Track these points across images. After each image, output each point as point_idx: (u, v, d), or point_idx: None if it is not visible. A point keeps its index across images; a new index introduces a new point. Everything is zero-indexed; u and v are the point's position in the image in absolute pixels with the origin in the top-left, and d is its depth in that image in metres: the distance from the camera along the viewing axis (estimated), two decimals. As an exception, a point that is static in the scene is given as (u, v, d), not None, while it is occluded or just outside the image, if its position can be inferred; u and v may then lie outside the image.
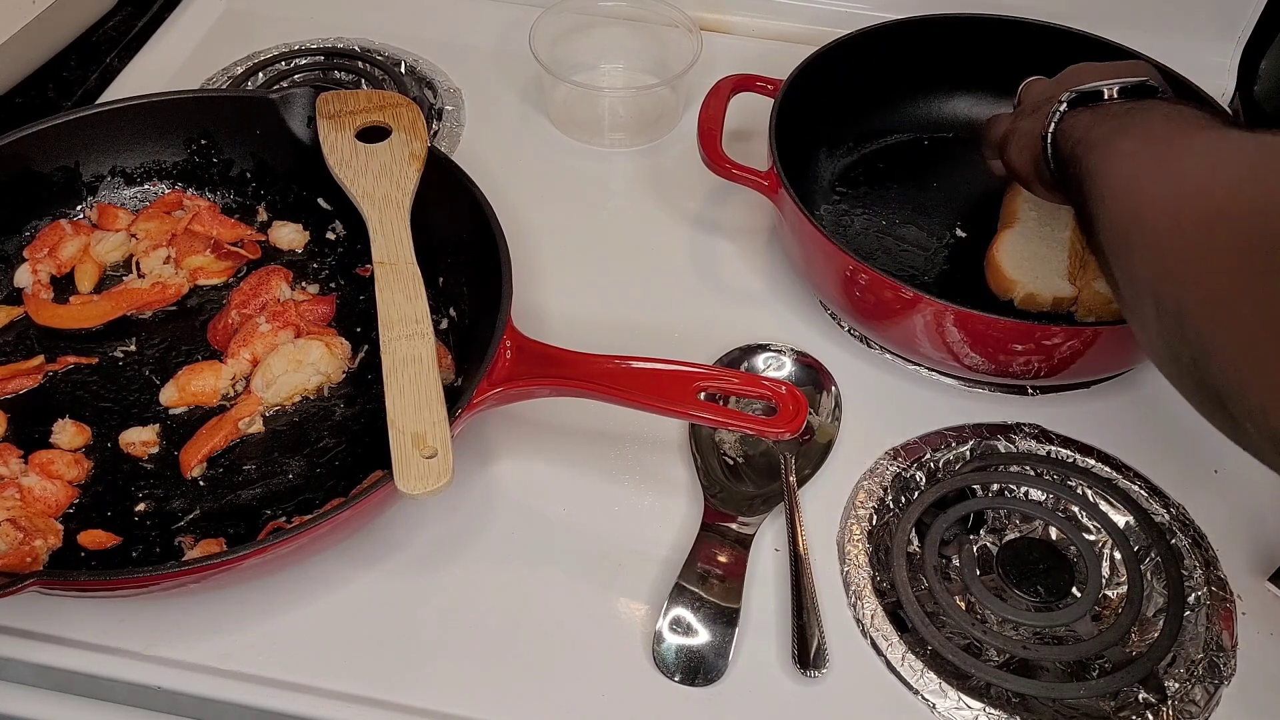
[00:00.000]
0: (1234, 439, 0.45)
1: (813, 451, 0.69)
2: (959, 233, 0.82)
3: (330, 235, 0.79)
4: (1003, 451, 0.69)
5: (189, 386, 0.69)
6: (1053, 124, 0.63)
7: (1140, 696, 0.58)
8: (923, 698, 0.58)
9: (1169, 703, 0.58)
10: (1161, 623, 0.61)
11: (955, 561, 0.64)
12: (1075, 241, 0.75)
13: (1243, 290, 0.41)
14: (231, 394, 0.69)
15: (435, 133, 0.91)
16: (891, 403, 0.72)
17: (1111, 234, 0.53)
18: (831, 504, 0.66)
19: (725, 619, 0.60)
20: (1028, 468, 0.68)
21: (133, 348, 0.72)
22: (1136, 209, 0.51)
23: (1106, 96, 0.62)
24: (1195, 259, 0.45)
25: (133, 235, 0.77)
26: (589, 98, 0.92)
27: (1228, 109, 0.84)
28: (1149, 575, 0.63)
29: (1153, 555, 0.64)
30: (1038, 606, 0.62)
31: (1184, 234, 0.46)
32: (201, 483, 0.65)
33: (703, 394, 0.61)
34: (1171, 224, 0.47)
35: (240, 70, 0.95)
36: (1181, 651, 0.60)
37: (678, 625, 0.60)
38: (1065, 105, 0.63)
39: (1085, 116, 0.61)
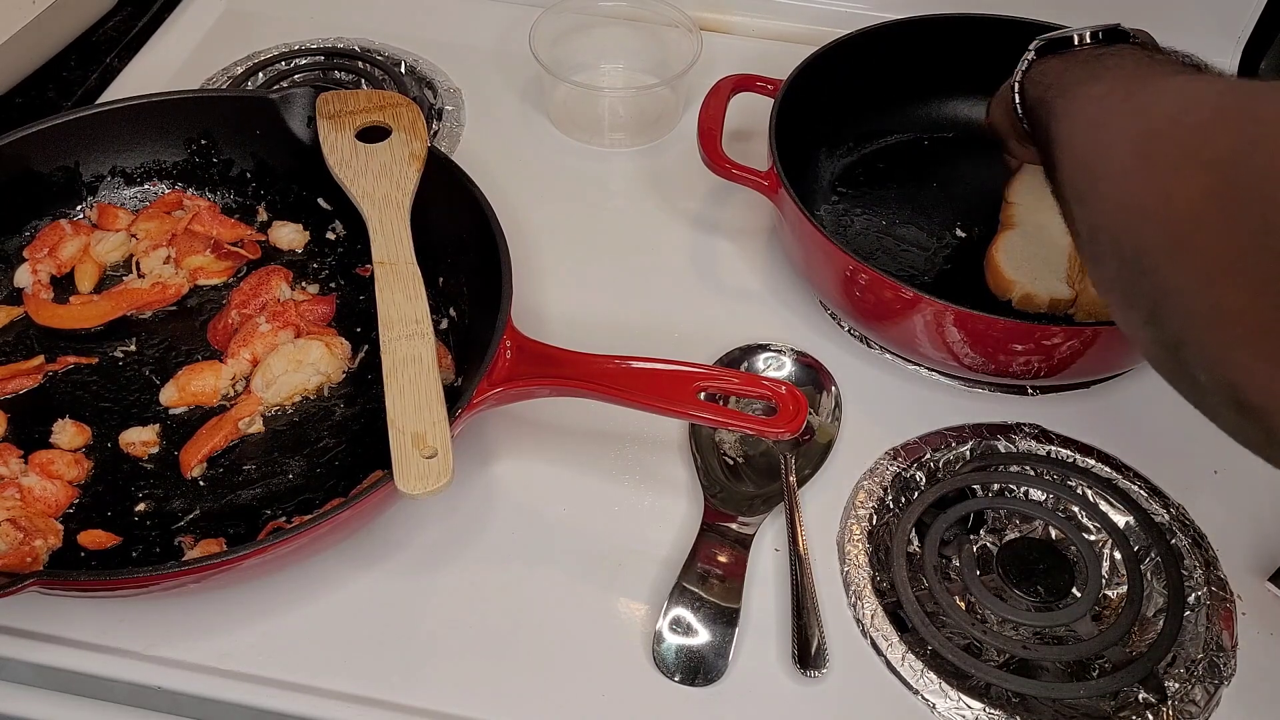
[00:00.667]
0: (1192, 400, 0.44)
1: (813, 451, 0.69)
2: (959, 233, 0.82)
3: (330, 235, 0.79)
4: (1003, 451, 0.69)
5: (189, 386, 0.69)
6: (1021, 72, 0.62)
7: (1140, 696, 0.58)
8: (923, 698, 0.58)
9: (1169, 703, 0.58)
10: (1161, 623, 0.61)
11: (955, 561, 0.64)
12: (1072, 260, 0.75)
13: (1205, 230, 0.40)
14: (231, 394, 0.69)
15: (435, 133, 0.91)
16: (891, 403, 0.72)
17: (1075, 174, 0.52)
18: (831, 504, 0.66)
19: (725, 619, 0.60)
20: (1028, 468, 0.68)
21: (133, 348, 0.72)
22: (1101, 148, 0.50)
23: (1077, 42, 0.61)
24: (1159, 198, 0.43)
25: (133, 235, 0.77)
26: (589, 98, 0.92)
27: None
28: (1149, 575, 0.63)
29: (1153, 555, 0.64)
30: (1038, 606, 0.62)
31: (1148, 173, 0.45)
32: (201, 483, 0.65)
33: (703, 394, 0.61)
34: (1136, 163, 0.46)
35: (240, 70, 0.95)
36: (1181, 651, 0.60)
37: (678, 625, 0.60)
38: (1033, 53, 0.62)
39: (1055, 64, 0.60)
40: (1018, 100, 0.64)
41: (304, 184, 0.80)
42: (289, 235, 0.78)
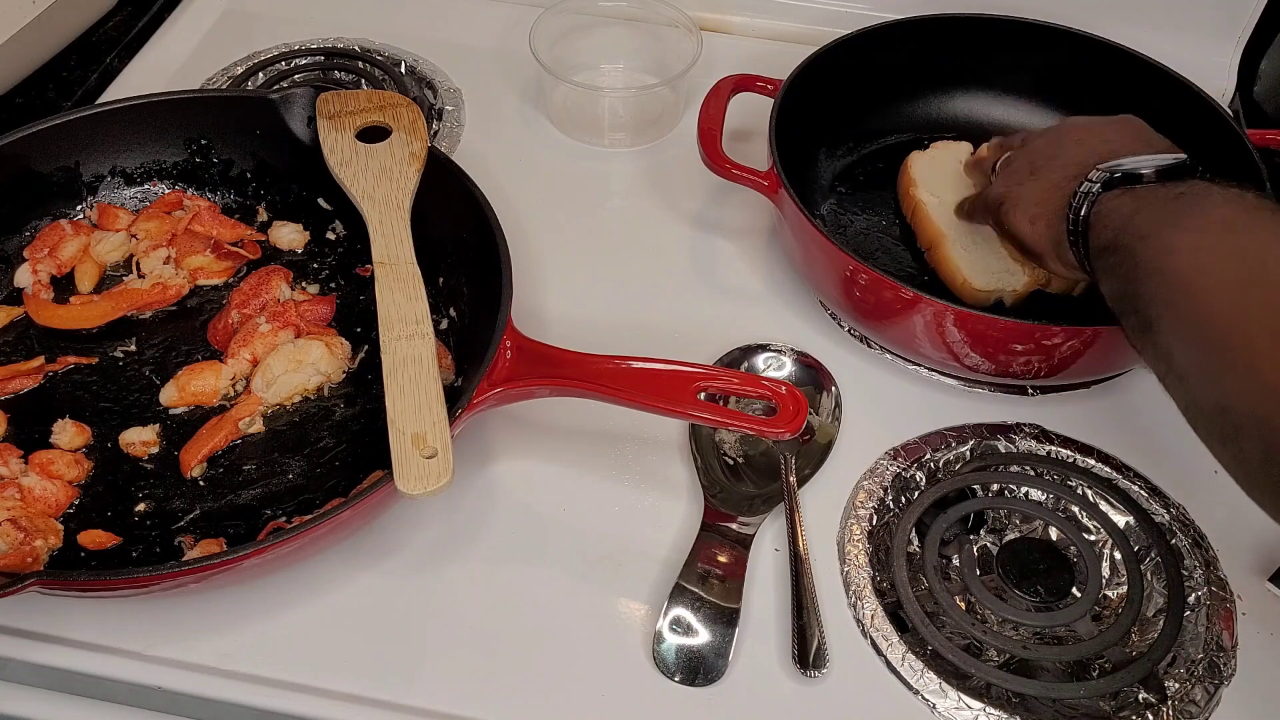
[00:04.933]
0: None
1: (813, 451, 0.69)
2: (959, 233, 0.82)
3: (330, 235, 0.79)
4: (1003, 451, 0.69)
5: (189, 386, 0.69)
6: (1085, 206, 0.58)
7: (1140, 696, 0.58)
8: (923, 698, 0.58)
9: (1169, 703, 0.58)
10: (1161, 623, 0.61)
11: (955, 561, 0.64)
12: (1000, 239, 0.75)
13: None
14: (231, 394, 0.69)
15: (435, 133, 0.91)
16: (891, 403, 0.72)
17: (1192, 345, 0.49)
18: (831, 504, 0.66)
19: (725, 619, 0.60)
20: (1028, 468, 0.68)
21: (133, 348, 0.72)
22: (1225, 318, 0.47)
23: (1146, 179, 0.56)
24: None
25: (133, 235, 0.77)
26: (589, 98, 0.92)
27: (1229, 109, 0.84)
28: (1149, 575, 0.63)
29: (1153, 555, 0.64)
30: (1038, 606, 0.62)
31: None
32: (201, 483, 0.65)
33: (703, 394, 0.61)
34: (1275, 336, 0.43)
35: (240, 70, 0.95)
36: (1181, 651, 0.60)
37: (678, 625, 0.60)
38: (1099, 186, 0.57)
39: (1125, 202, 0.56)
40: (1074, 231, 0.59)
41: (304, 184, 0.80)
42: (289, 235, 0.78)
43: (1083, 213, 0.58)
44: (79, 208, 0.78)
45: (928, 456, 0.68)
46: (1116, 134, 0.62)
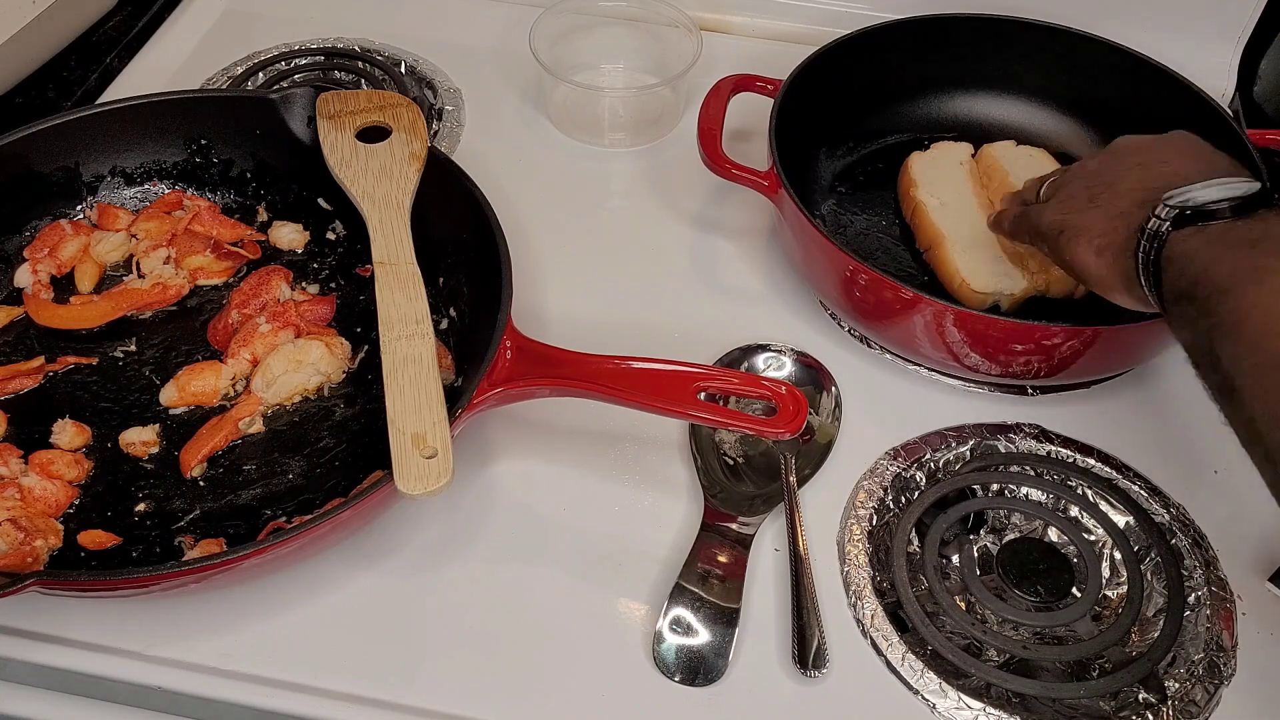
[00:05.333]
0: None
1: (813, 451, 0.69)
2: (959, 233, 0.82)
3: (330, 235, 0.79)
4: (1003, 451, 0.69)
5: (189, 386, 0.69)
6: (1155, 249, 0.54)
7: (1140, 696, 0.58)
8: (923, 698, 0.58)
9: (1169, 703, 0.58)
10: (1161, 623, 0.61)
11: (955, 561, 0.64)
12: (1001, 240, 0.75)
13: None
14: (231, 394, 0.69)
15: (435, 133, 0.91)
16: (891, 403, 0.72)
17: (1277, 423, 0.46)
18: (831, 504, 0.66)
19: (725, 619, 0.60)
20: (1028, 468, 0.68)
21: (133, 348, 0.72)
22: None
23: (1220, 215, 0.52)
24: None
25: (133, 235, 0.77)
26: (589, 98, 0.92)
27: (1229, 109, 0.84)
28: (1149, 575, 0.63)
29: (1153, 555, 0.64)
30: (1038, 606, 0.62)
31: None
32: (201, 483, 0.65)
33: (703, 394, 0.61)
34: None
35: (240, 70, 0.95)
36: (1181, 651, 0.60)
37: (678, 625, 0.60)
38: (1169, 225, 0.53)
39: (1198, 245, 0.52)
40: (1147, 276, 0.55)
41: (304, 184, 0.80)
42: (289, 235, 0.78)
43: (1153, 255, 0.55)
44: (79, 208, 0.78)
45: (928, 456, 0.68)
46: (1177, 154, 0.59)
